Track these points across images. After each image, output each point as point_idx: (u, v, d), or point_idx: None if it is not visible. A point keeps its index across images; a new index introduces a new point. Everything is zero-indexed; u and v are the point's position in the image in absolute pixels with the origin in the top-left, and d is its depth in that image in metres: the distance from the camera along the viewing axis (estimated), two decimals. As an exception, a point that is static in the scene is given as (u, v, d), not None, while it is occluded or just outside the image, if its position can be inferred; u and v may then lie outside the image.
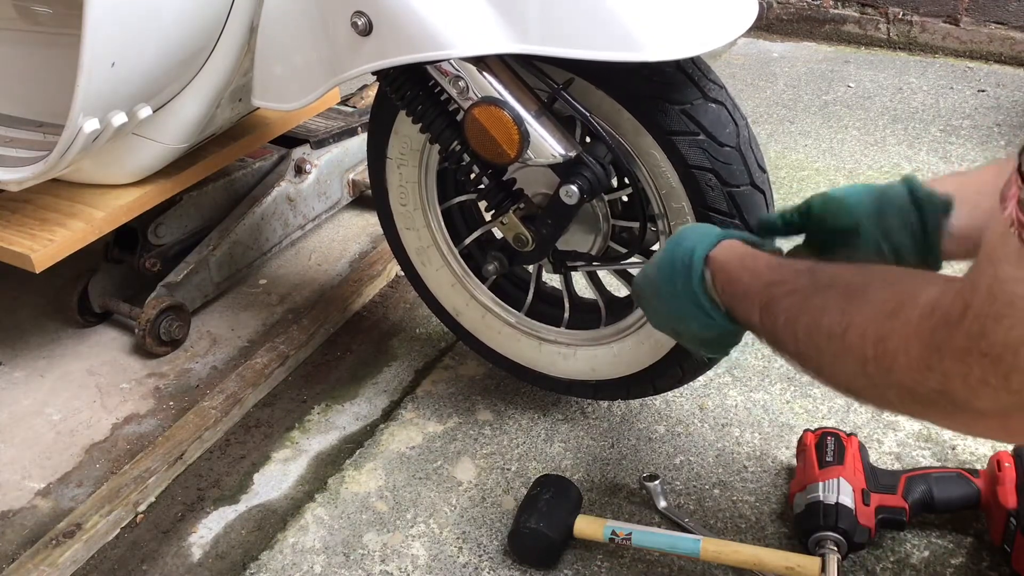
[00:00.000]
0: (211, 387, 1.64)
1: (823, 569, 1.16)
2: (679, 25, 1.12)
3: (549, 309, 1.51)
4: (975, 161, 2.27)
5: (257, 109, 1.69)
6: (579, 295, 1.52)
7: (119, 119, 1.36)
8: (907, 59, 2.94)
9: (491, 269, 1.40)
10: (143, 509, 1.42)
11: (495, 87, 1.16)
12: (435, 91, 1.24)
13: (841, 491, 1.21)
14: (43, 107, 1.67)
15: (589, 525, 1.27)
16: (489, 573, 1.28)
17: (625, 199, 1.38)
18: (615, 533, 1.24)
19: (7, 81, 1.80)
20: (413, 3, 1.12)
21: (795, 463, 1.36)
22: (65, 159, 1.37)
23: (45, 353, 1.76)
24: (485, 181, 1.30)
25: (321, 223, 2.10)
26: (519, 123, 1.15)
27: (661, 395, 1.52)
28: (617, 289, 1.56)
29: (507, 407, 1.57)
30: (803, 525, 1.22)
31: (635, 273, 1.40)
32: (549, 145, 1.17)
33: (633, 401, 1.55)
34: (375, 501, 1.41)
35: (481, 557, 1.31)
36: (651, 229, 1.32)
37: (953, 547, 1.27)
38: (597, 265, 1.39)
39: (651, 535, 1.24)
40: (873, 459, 1.34)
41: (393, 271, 1.93)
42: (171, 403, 1.63)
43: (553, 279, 1.50)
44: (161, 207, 1.71)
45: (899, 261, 0.98)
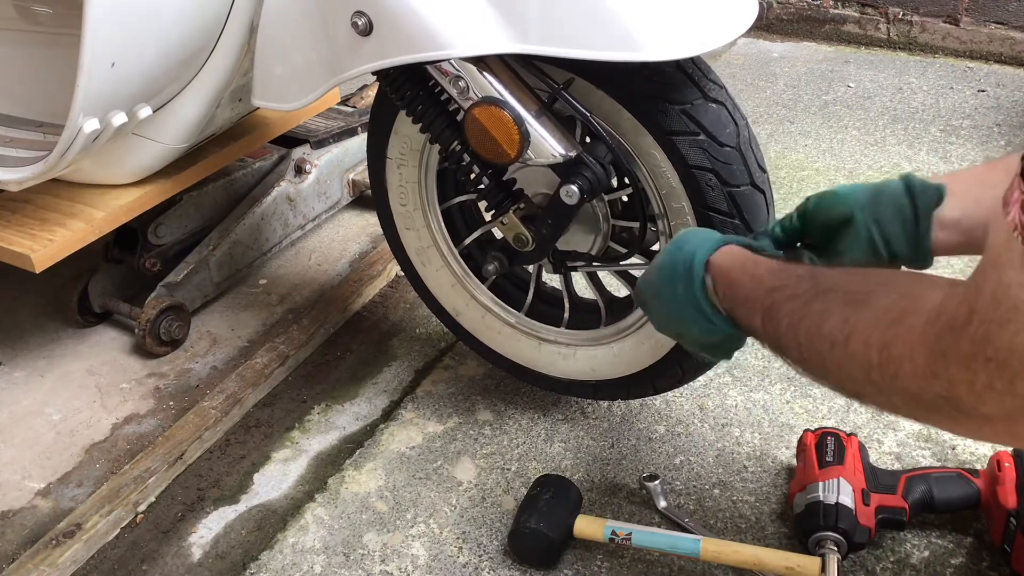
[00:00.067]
0: (211, 387, 1.64)
1: (823, 569, 1.16)
2: (679, 25, 1.12)
3: (549, 309, 1.51)
4: (975, 161, 2.27)
5: (257, 109, 1.69)
6: (579, 295, 1.52)
7: (119, 119, 1.36)
8: (907, 59, 2.93)
9: (491, 269, 1.40)
10: (143, 509, 1.42)
11: (495, 87, 1.16)
12: (435, 91, 1.24)
13: (841, 491, 1.21)
14: (43, 107, 1.67)
15: (589, 525, 1.27)
16: (489, 573, 1.28)
17: (625, 199, 1.37)
18: (615, 533, 1.24)
19: (7, 81, 1.80)
20: (413, 3, 1.12)
21: (795, 463, 1.36)
22: (65, 159, 1.37)
23: (45, 353, 1.76)
24: (485, 181, 1.30)
25: (321, 223, 2.10)
26: (519, 123, 1.15)
27: (661, 395, 1.52)
28: (617, 289, 1.56)
29: (507, 407, 1.57)
30: (803, 525, 1.22)
31: (635, 273, 1.41)
32: (549, 145, 1.17)
33: (633, 401, 1.55)
34: (375, 501, 1.41)
35: (481, 557, 1.31)
36: (651, 229, 1.32)
37: (953, 547, 1.27)
38: (597, 265, 1.39)
39: (651, 535, 1.24)
40: (873, 459, 1.34)
41: (393, 271, 1.93)
42: (171, 403, 1.63)
43: (553, 279, 1.50)
44: (161, 207, 1.71)
45: (890, 250, 0.98)
